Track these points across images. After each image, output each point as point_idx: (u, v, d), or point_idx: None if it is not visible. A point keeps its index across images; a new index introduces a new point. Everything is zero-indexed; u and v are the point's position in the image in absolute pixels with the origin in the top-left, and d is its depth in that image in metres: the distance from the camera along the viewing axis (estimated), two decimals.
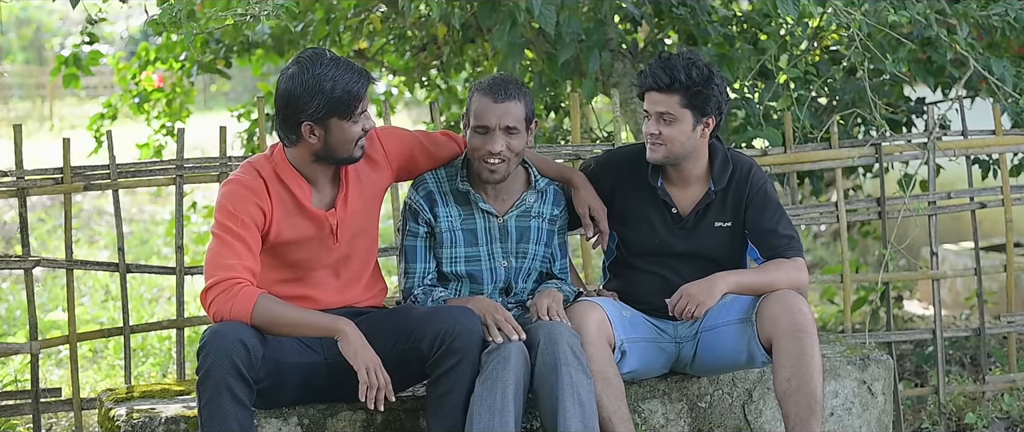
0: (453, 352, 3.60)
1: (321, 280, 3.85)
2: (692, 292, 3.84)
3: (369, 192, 3.89)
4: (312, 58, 3.64)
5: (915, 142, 4.94)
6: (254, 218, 3.67)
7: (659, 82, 3.90)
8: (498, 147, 3.83)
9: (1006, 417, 4.91)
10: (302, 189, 3.76)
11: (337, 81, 3.60)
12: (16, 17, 23.98)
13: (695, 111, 3.91)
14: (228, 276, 3.56)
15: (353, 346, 3.55)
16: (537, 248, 4.05)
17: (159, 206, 11.90)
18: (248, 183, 3.71)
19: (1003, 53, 5.36)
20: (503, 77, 3.94)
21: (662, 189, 4.04)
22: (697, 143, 3.97)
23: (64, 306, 6.49)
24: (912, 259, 6.03)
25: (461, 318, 3.64)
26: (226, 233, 3.63)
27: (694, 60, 3.91)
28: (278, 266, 3.80)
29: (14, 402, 4.52)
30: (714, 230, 4.04)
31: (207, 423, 3.48)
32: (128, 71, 6.95)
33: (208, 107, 20.03)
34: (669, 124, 3.92)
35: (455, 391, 3.61)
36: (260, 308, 3.54)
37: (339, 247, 3.83)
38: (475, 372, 3.62)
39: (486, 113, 3.83)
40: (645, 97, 3.96)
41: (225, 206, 3.67)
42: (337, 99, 3.61)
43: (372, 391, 3.53)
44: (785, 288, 3.88)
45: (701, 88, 3.89)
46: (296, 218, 3.75)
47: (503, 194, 4.02)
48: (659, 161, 3.98)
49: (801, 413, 3.72)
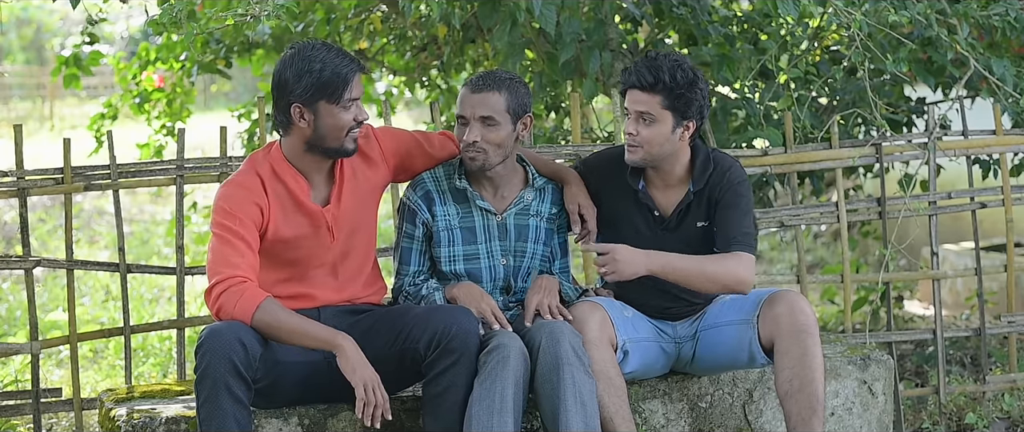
0: (450, 352, 3.59)
1: (320, 278, 3.85)
2: (619, 257, 3.78)
3: (364, 188, 3.89)
4: (306, 44, 3.71)
5: (915, 142, 4.94)
6: (252, 217, 3.67)
7: (642, 80, 3.86)
8: (472, 137, 3.85)
9: (1006, 417, 4.91)
10: (299, 184, 3.76)
11: (326, 63, 3.64)
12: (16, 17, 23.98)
13: (676, 113, 3.86)
14: (234, 274, 3.56)
15: (351, 362, 3.54)
16: (536, 247, 4.05)
17: (159, 206, 11.90)
18: (244, 183, 3.72)
19: (1004, 53, 5.36)
20: (491, 71, 3.96)
21: (643, 191, 4.00)
22: (676, 146, 3.92)
23: (64, 306, 6.49)
24: (912, 259, 6.04)
25: (458, 318, 3.64)
26: (227, 232, 3.63)
27: (680, 62, 3.86)
28: (277, 266, 3.80)
29: (14, 402, 4.52)
30: (697, 230, 3.99)
31: (206, 422, 3.48)
32: (128, 71, 6.95)
33: (208, 107, 20.03)
34: (648, 125, 3.87)
35: (452, 391, 3.61)
36: (263, 311, 3.54)
37: (336, 244, 3.83)
38: (472, 372, 3.62)
39: (463, 103, 3.89)
40: (627, 95, 3.92)
41: (222, 206, 3.67)
42: (325, 80, 3.63)
43: (370, 409, 3.52)
44: (723, 283, 3.83)
45: (684, 91, 3.84)
46: (293, 215, 3.76)
47: (501, 191, 4.02)
48: (636, 163, 3.93)
49: (803, 413, 3.72)
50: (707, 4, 5.54)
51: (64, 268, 4.58)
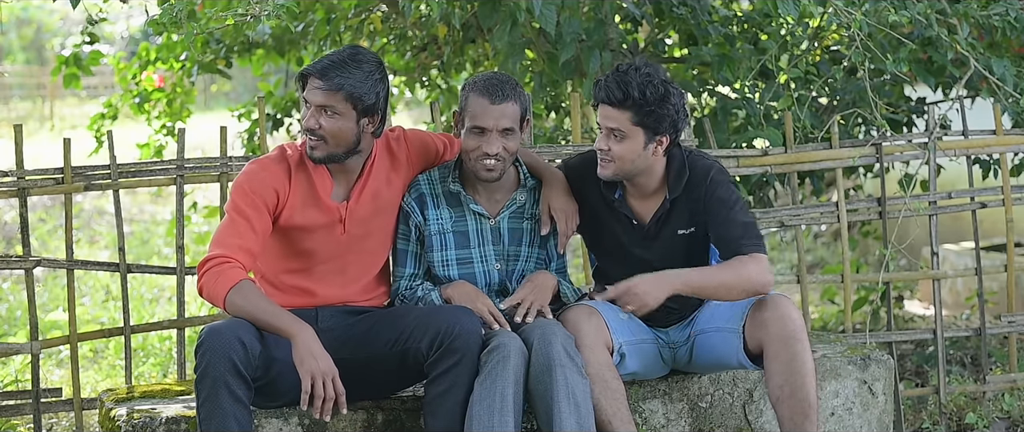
0: (453, 352, 3.60)
1: (325, 274, 3.86)
2: (638, 291, 3.70)
3: (387, 192, 3.90)
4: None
5: (916, 142, 4.94)
6: (266, 199, 3.72)
7: (611, 96, 3.78)
8: (495, 149, 3.82)
9: (1007, 417, 4.91)
10: (323, 179, 3.81)
11: (316, 58, 3.73)
12: (16, 17, 23.97)
13: (647, 130, 3.79)
14: (221, 253, 3.61)
15: (300, 353, 3.51)
16: (531, 250, 4.03)
17: (160, 206, 11.91)
18: (269, 166, 3.78)
19: (1004, 53, 5.36)
20: (498, 76, 3.90)
21: (620, 200, 3.96)
22: (650, 161, 3.86)
23: (65, 306, 6.49)
24: (913, 259, 6.04)
25: (461, 318, 3.64)
26: (235, 212, 3.70)
27: (651, 77, 3.77)
28: (288, 255, 3.83)
29: (15, 402, 4.52)
30: (677, 237, 3.94)
31: (205, 421, 3.49)
32: (128, 71, 6.95)
33: (208, 107, 20.03)
34: (619, 141, 3.81)
35: (454, 391, 3.61)
36: (236, 292, 3.55)
37: (345, 239, 3.84)
38: (474, 372, 3.62)
39: (483, 115, 3.81)
40: (598, 109, 3.85)
41: (241, 184, 3.74)
42: (301, 70, 3.75)
43: (318, 402, 3.50)
44: (743, 289, 3.76)
45: (654, 108, 3.76)
46: (311, 207, 3.80)
47: (495, 194, 4.00)
48: (609, 177, 3.88)
49: (796, 418, 3.70)
50: (707, 4, 5.54)
51: (64, 268, 4.58)
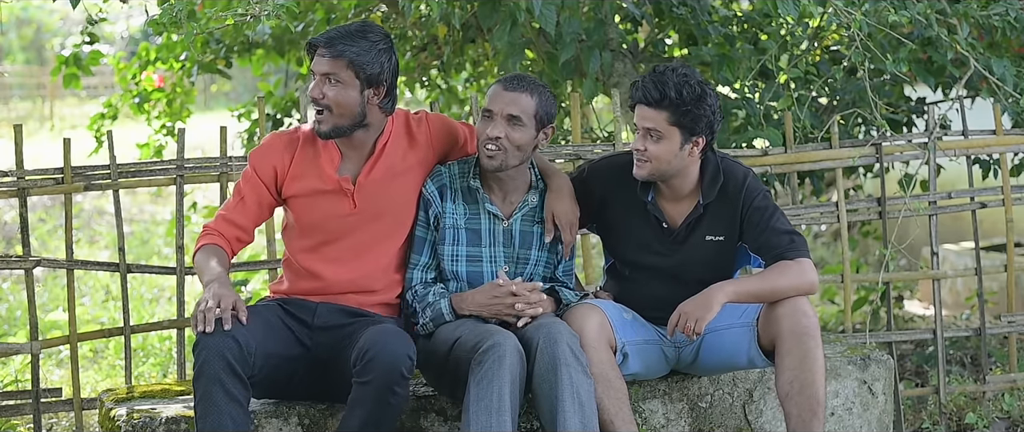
0: (366, 372, 3.53)
1: (337, 254, 3.88)
2: (688, 310, 3.75)
3: (400, 167, 3.92)
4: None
5: (915, 142, 4.94)
6: (264, 175, 3.87)
7: (648, 96, 3.82)
8: (497, 132, 3.84)
9: (1007, 417, 4.91)
10: (331, 154, 3.87)
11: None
12: (16, 17, 23.99)
13: (684, 130, 3.83)
14: (209, 224, 3.85)
15: (210, 290, 3.59)
16: (540, 254, 4.03)
17: (159, 206, 11.91)
18: (274, 140, 3.93)
19: (1004, 53, 5.36)
20: (524, 74, 3.98)
21: (653, 203, 3.97)
22: (685, 161, 3.88)
23: (65, 306, 6.50)
24: (912, 259, 6.04)
25: (388, 344, 3.54)
26: (238, 188, 3.89)
27: (688, 77, 3.82)
28: (301, 232, 3.91)
29: (15, 402, 4.52)
30: (705, 243, 3.96)
31: (201, 419, 3.50)
32: (128, 71, 6.95)
33: (208, 107, 20.04)
34: (656, 141, 3.84)
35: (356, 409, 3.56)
36: (199, 253, 3.78)
37: (355, 218, 3.86)
38: (383, 401, 3.54)
39: (494, 98, 3.89)
40: (635, 110, 3.89)
41: (250, 160, 3.91)
42: (309, 41, 3.84)
43: (209, 314, 3.50)
44: (791, 294, 3.79)
45: (691, 107, 3.80)
46: (311, 177, 3.86)
47: (510, 195, 4.01)
48: (645, 178, 3.91)
49: (803, 415, 3.71)
50: (707, 4, 5.54)
51: (64, 268, 4.58)
